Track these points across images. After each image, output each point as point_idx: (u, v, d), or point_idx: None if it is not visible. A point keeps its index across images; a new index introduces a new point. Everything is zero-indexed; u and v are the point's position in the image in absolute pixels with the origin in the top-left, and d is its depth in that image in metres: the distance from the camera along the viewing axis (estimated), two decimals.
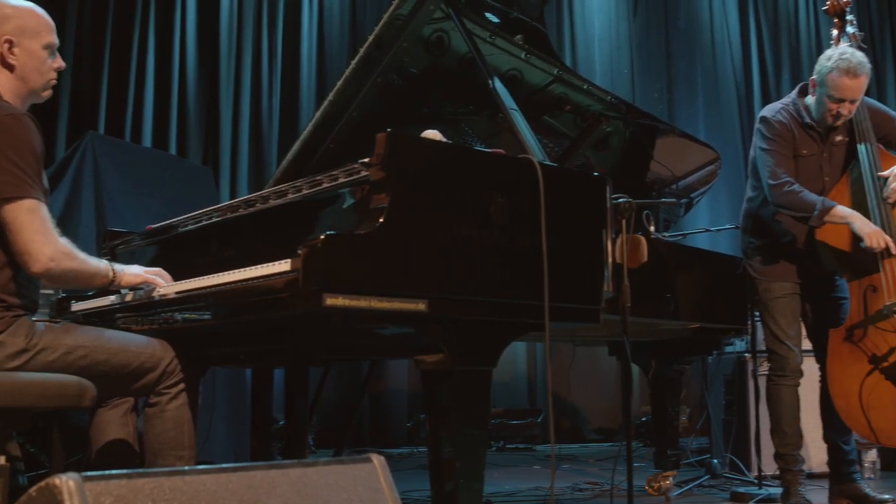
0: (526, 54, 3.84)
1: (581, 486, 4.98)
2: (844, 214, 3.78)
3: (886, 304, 3.72)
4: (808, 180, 3.94)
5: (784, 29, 8.91)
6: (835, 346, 3.87)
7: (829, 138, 4.02)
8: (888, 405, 3.72)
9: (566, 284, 2.82)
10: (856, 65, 3.78)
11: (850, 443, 4.18)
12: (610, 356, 5.11)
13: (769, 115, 4.07)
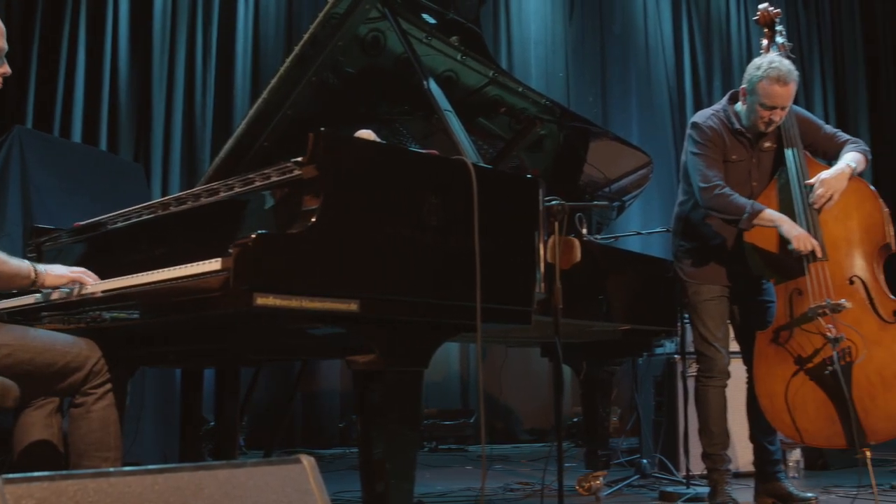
0: (462, 56, 3.85)
1: (512, 486, 5.00)
2: (773, 218, 3.86)
3: (811, 307, 3.79)
4: (737, 185, 4.01)
5: (716, 36, 9.07)
6: (761, 347, 3.95)
7: (758, 144, 4.09)
8: (811, 406, 3.80)
9: (498, 285, 2.83)
10: (785, 73, 3.87)
11: (776, 443, 4.26)
12: (542, 357, 5.15)
13: (700, 120, 4.14)
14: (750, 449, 4.34)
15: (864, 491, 3.95)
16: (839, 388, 3.65)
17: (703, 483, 4.43)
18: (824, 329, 3.72)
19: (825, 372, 3.72)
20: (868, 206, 3.92)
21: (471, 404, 7.96)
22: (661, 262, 4.71)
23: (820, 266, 3.82)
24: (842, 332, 3.71)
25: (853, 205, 3.93)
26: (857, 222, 3.91)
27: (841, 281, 3.83)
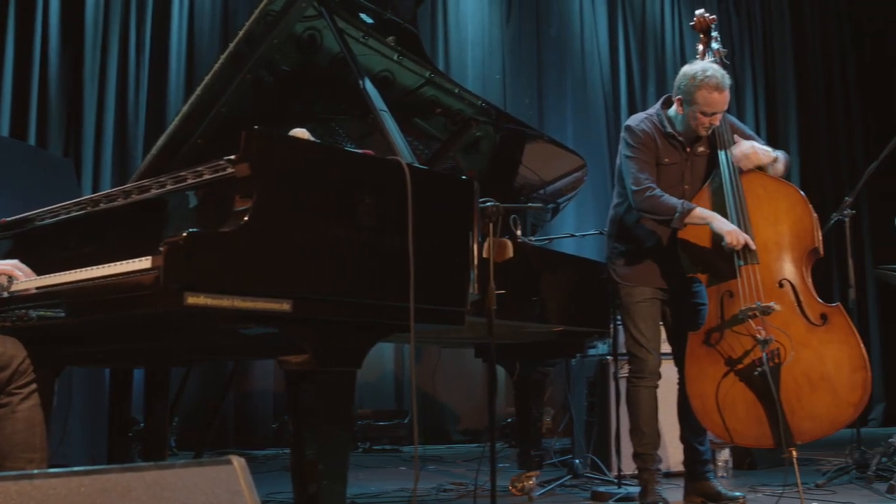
0: (398, 56, 3.84)
1: (446, 486, 5.01)
2: (704, 215, 3.92)
3: (742, 309, 3.86)
4: (670, 188, 4.07)
5: (650, 42, 9.19)
6: (693, 348, 4.01)
7: (691, 149, 4.16)
8: (741, 406, 3.86)
9: (432, 286, 2.83)
10: (720, 79, 3.97)
11: (705, 443, 4.33)
12: (476, 358, 5.17)
13: (633, 124, 4.19)
14: (680, 449, 4.40)
15: (789, 490, 4.02)
16: (768, 389, 3.72)
17: (634, 483, 4.47)
18: (754, 331, 3.80)
19: (754, 373, 3.79)
20: (798, 211, 4.00)
21: (405, 405, 7.95)
22: (594, 265, 4.76)
23: (751, 269, 3.89)
24: (771, 334, 3.78)
25: (784, 209, 4.01)
26: (788, 227, 3.98)
27: (771, 284, 3.91)
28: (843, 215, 5.17)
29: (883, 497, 4.33)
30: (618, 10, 9.09)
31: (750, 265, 3.89)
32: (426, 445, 7.30)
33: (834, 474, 4.97)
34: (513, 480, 4.71)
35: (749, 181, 4.06)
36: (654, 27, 9.27)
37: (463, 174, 4.11)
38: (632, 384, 4.20)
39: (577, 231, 6.88)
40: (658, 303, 4.21)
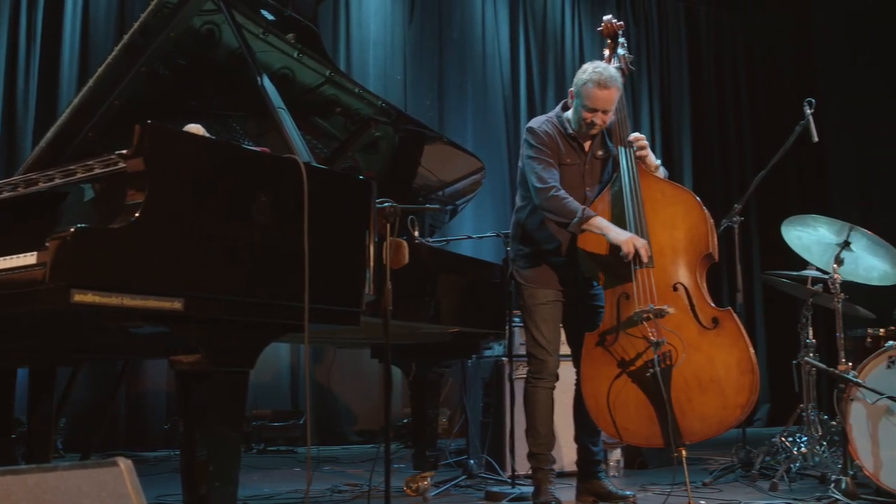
0: (298, 54, 3.81)
1: (340, 487, 4.98)
2: (601, 225, 3.99)
3: (636, 311, 3.93)
4: (571, 189, 4.13)
5: (551, 47, 9.29)
6: (589, 349, 4.07)
7: (590, 151, 4.24)
8: (633, 406, 3.93)
9: (327, 286, 2.82)
10: (607, 78, 4.05)
11: (598, 444, 4.40)
12: (372, 358, 5.15)
13: (536, 126, 4.25)
14: (574, 449, 4.45)
15: (678, 488, 4.11)
16: (659, 390, 3.80)
17: (528, 482, 4.51)
18: (647, 333, 3.87)
19: (647, 374, 3.86)
20: (694, 217, 4.09)
21: (300, 405, 7.87)
22: (490, 266, 4.79)
23: (646, 272, 3.97)
24: (664, 336, 3.86)
25: (680, 215, 4.10)
26: (684, 232, 4.07)
27: (665, 287, 3.99)
28: (732, 222, 5.32)
29: (766, 494, 4.47)
30: (519, 14, 9.17)
31: (645, 269, 3.97)
32: (321, 446, 7.24)
33: (720, 473, 5.10)
34: (408, 481, 4.71)
35: (648, 186, 4.14)
36: (555, 32, 9.38)
37: (361, 174, 4.10)
38: (530, 384, 4.24)
39: (475, 233, 6.90)
40: (559, 305, 4.26)
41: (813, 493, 4.37)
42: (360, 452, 7.12)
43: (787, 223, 4.83)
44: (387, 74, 8.36)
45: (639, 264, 3.95)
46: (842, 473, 4.25)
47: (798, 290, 5.31)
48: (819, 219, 4.65)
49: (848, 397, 4.27)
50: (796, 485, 4.70)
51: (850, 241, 4.61)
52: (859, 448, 4.20)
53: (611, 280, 4.07)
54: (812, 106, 5.20)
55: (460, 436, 6.30)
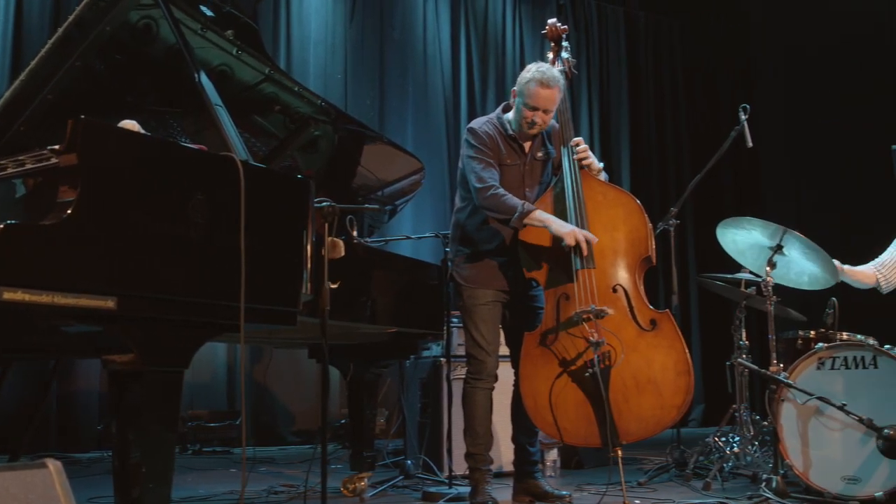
0: (237, 51, 3.78)
1: (277, 488, 4.94)
2: (542, 218, 4.02)
3: (577, 312, 3.96)
4: (511, 189, 4.15)
5: (492, 50, 9.32)
6: (528, 349, 4.09)
7: (530, 152, 4.26)
8: (572, 406, 3.96)
9: (263, 286, 2.80)
10: (550, 77, 4.10)
11: (535, 444, 4.43)
12: (310, 358, 5.12)
13: (476, 126, 4.27)
14: (511, 449, 4.48)
15: (613, 488, 4.16)
16: (597, 391, 3.84)
17: (465, 483, 4.52)
18: (587, 333, 3.90)
19: (586, 374, 3.90)
20: (634, 220, 4.14)
21: (237, 405, 7.78)
22: (429, 267, 4.79)
23: (588, 273, 4.00)
24: (603, 337, 3.90)
25: (621, 217, 4.15)
26: (624, 234, 4.12)
27: (605, 288, 4.03)
28: (668, 224, 5.39)
29: (699, 494, 4.53)
30: (461, 15, 9.17)
31: (586, 269, 4.00)
32: (258, 447, 7.18)
33: (655, 473, 5.17)
34: (345, 482, 4.70)
35: (590, 188, 4.18)
36: (496, 34, 9.41)
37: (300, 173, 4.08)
38: (469, 385, 4.24)
39: (414, 233, 6.90)
40: (499, 305, 4.27)
41: (745, 492, 4.45)
42: (298, 453, 7.08)
43: (721, 226, 4.90)
44: (327, 73, 8.30)
45: (580, 264, 3.99)
46: (773, 472, 4.33)
47: (732, 292, 5.40)
48: (753, 222, 4.72)
49: (779, 398, 4.35)
50: (729, 484, 4.78)
51: (783, 244, 4.69)
52: (789, 447, 4.28)
53: (551, 280, 4.09)
54: (747, 112, 5.29)
55: (398, 436, 6.30)
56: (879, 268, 5.27)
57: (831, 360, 4.30)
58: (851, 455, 4.13)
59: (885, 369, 4.17)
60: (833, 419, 4.19)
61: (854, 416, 4.06)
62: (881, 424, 4.00)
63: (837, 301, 4.82)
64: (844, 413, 4.08)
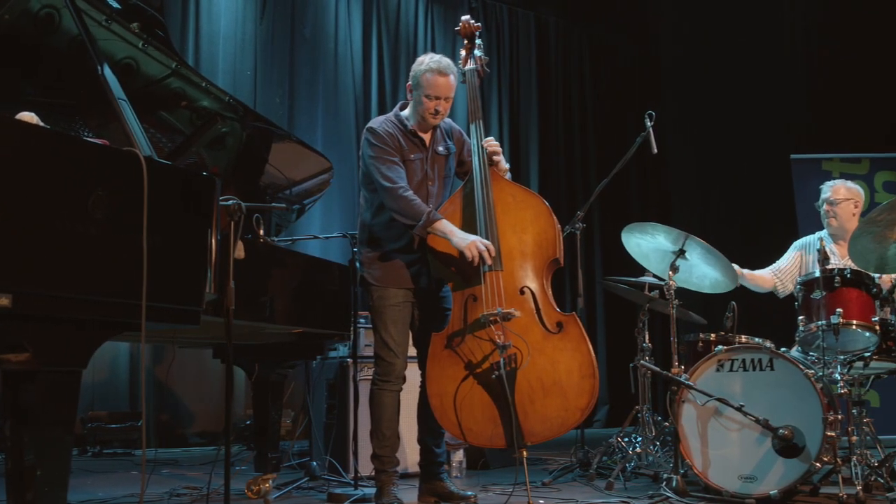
0: (143, 44, 3.71)
1: (179, 490, 4.85)
2: (445, 230, 4.02)
3: (484, 314, 3.98)
4: (415, 183, 4.16)
5: (403, 50, 9.31)
6: (435, 349, 4.09)
7: (431, 146, 4.28)
8: (478, 407, 3.98)
9: (166, 284, 2.75)
10: (445, 65, 4.16)
11: (442, 445, 4.43)
12: (215, 358, 5.04)
13: (376, 125, 4.27)
14: (417, 450, 4.47)
15: (518, 488, 4.18)
16: (503, 392, 3.86)
17: (371, 484, 4.51)
18: (494, 335, 3.93)
19: (492, 376, 3.92)
20: (543, 222, 4.17)
21: (139, 406, 7.62)
22: (337, 267, 4.76)
23: (495, 275, 4.02)
24: (510, 339, 3.93)
25: (530, 219, 4.18)
26: (533, 236, 4.15)
27: (513, 290, 4.05)
28: (574, 227, 5.45)
29: (602, 493, 4.60)
30: (372, 14, 9.13)
31: (494, 271, 4.02)
32: (160, 449, 7.06)
33: (559, 473, 5.23)
34: (249, 483, 4.63)
35: (500, 189, 4.21)
36: (408, 35, 9.40)
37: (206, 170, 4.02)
38: (377, 387, 4.22)
39: (322, 233, 6.86)
40: (409, 306, 4.26)
41: (646, 491, 4.52)
42: (201, 455, 6.97)
43: (626, 230, 4.98)
44: (236, 70, 8.18)
45: (488, 266, 4.01)
46: (673, 472, 4.41)
47: (636, 295, 5.50)
48: (657, 227, 4.81)
49: (680, 399, 4.44)
50: (631, 483, 4.85)
51: (686, 249, 4.79)
52: (690, 447, 4.37)
53: (459, 282, 4.11)
54: (652, 119, 5.38)
55: (303, 437, 6.25)
56: (777, 272, 5.45)
57: (730, 362, 4.40)
58: (748, 454, 4.24)
59: (780, 371, 4.29)
60: (731, 420, 4.29)
61: (751, 416, 4.16)
62: (777, 425, 4.12)
63: (737, 305, 4.94)
64: (742, 414, 4.19)
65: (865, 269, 4.60)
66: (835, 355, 4.51)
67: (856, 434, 4.41)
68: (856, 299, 4.50)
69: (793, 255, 5.50)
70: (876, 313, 4.51)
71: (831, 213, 5.30)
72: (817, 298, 4.52)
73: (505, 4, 10.15)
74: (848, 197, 5.29)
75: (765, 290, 5.47)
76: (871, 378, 4.99)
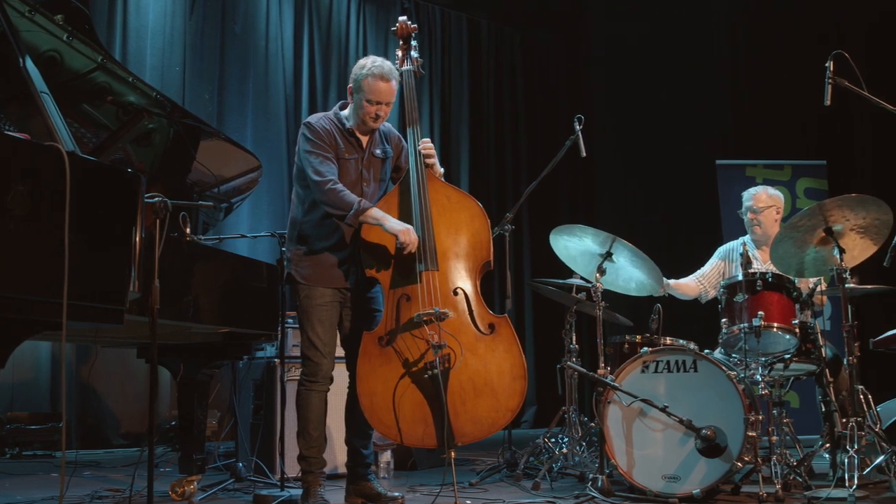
0: (68, 37, 3.63)
1: (101, 493, 4.77)
2: (377, 216, 4.03)
3: (418, 313, 3.99)
4: (349, 183, 4.16)
5: (335, 49, 9.26)
6: (367, 348, 4.08)
7: (368, 147, 4.27)
8: (409, 407, 3.98)
9: (88, 282, 2.69)
10: (388, 70, 4.17)
11: (369, 447, 4.42)
12: (139, 358, 4.97)
13: (314, 121, 4.26)
14: (344, 451, 4.45)
15: (446, 488, 4.19)
16: (436, 392, 3.88)
17: (297, 485, 4.48)
18: (428, 335, 3.94)
19: (425, 376, 3.93)
20: (477, 224, 4.20)
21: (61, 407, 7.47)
22: (264, 266, 4.72)
23: (431, 275, 4.03)
24: (443, 339, 3.93)
25: (464, 221, 4.20)
26: (467, 238, 4.17)
27: (447, 291, 4.07)
28: (504, 229, 5.48)
29: (528, 493, 4.63)
30: (304, 13, 9.06)
31: (430, 271, 4.03)
32: (82, 450, 6.92)
33: (487, 473, 5.25)
34: (173, 485, 4.57)
35: (435, 191, 4.21)
36: (340, 35, 9.35)
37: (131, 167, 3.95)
38: (304, 387, 4.19)
39: (251, 232, 6.80)
40: (338, 306, 4.24)
41: (572, 491, 4.56)
42: (125, 456, 6.85)
43: (555, 233, 5.02)
44: (165, 65, 8.05)
45: (423, 266, 4.01)
46: (598, 472, 4.46)
47: (563, 297, 5.55)
48: (585, 229, 4.86)
49: (606, 400, 4.49)
50: (557, 483, 4.90)
51: (613, 252, 4.85)
52: (615, 448, 4.42)
53: (393, 280, 4.11)
54: (581, 122, 5.45)
55: (229, 438, 6.19)
56: (701, 279, 5.55)
57: (655, 363, 4.46)
58: (672, 455, 4.30)
59: (704, 373, 4.36)
60: (656, 420, 4.35)
61: (675, 417, 4.23)
62: (700, 425, 4.18)
63: (662, 307, 5.02)
64: (666, 415, 4.25)
65: (786, 274, 4.71)
66: (756, 357, 4.61)
67: (776, 434, 4.51)
68: (777, 302, 4.60)
69: (716, 262, 5.61)
70: (796, 316, 4.61)
71: (755, 221, 5.42)
72: (740, 301, 4.61)
73: (438, 6, 10.17)
74: (770, 204, 5.41)
75: (690, 297, 5.57)
76: (790, 379, 5.12)
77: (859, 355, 4.46)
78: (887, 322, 5.40)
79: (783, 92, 9.14)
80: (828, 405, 4.85)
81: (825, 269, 4.67)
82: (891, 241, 4.55)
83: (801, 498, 4.13)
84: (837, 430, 4.59)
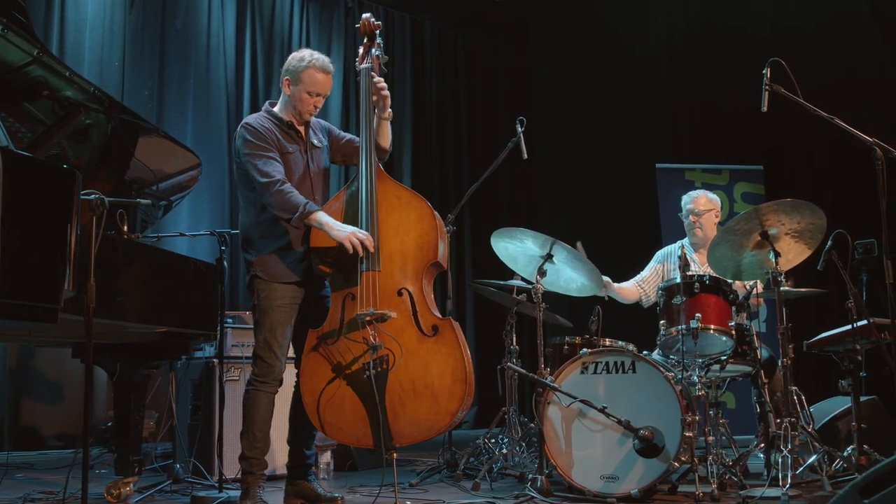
0: (3, 29, 3.55)
1: (34, 495, 4.68)
2: (322, 221, 4.01)
3: (358, 314, 3.97)
4: (296, 175, 4.16)
5: (278, 47, 9.19)
6: (311, 346, 4.07)
7: (307, 138, 4.26)
8: (348, 406, 3.97)
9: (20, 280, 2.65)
10: (327, 63, 4.23)
11: (311, 447, 4.40)
12: (74, 358, 4.88)
13: (251, 121, 4.22)
14: (285, 451, 4.42)
15: (386, 489, 4.19)
16: (373, 393, 3.86)
17: (236, 486, 4.44)
18: (368, 336, 3.92)
19: (363, 376, 3.92)
20: (425, 225, 4.17)
21: None
22: (204, 265, 4.67)
23: (373, 275, 4.02)
24: (382, 340, 3.93)
25: (412, 221, 4.17)
26: (414, 238, 4.15)
27: (390, 292, 4.05)
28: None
29: (468, 493, 4.65)
30: (247, 10, 8.98)
31: (372, 272, 4.02)
32: (14, 451, 6.78)
33: (427, 474, 5.26)
34: (109, 487, 4.51)
35: (385, 190, 4.19)
36: (282, 32, 9.29)
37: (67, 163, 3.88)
38: (253, 387, 4.14)
39: (190, 230, 6.73)
40: (295, 307, 4.21)
41: (512, 492, 4.59)
42: (59, 458, 6.74)
43: (496, 235, 5.04)
44: (103, 60, 7.91)
45: (366, 266, 4.00)
46: (538, 472, 4.49)
47: (504, 298, 5.57)
48: (526, 232, 4.89)
49: (545, 401, 4.52)
50: (497, 484, 4.92)
51: (553, 253, 4.88)
52: (554, 448, 4.46)
53: (339, 281, 4.11)
54: (523, 125, 5.48)
55: (167, 439, 6.11)
56: (641, 283, 5.62)
57: (594, 364, 4.50)
58: (610, 455, 4.35)
59: (642, 374, 4.41)
60: (595, 421, 4.39)
61: (613, 417, 4.27)
62: (638, 426, 4.23)
63: (601, 309, 5.07)
64: (605, 415, 4.29)
65: (723, 276, 4.79)
66: (693, 358, 4.68)
67: (712, 434, 4.58)
68: (714, 305, 4.68)
69: (655, 265, 5.69)
70: (732, 318, 4.69)
71: (697, 223, 5.50)
72: (678, 304, 4.68)
73: (381, 6, 10.14)
74: (710, 207, 5.50)
75: (630, 301, 5.63)
76: (726, 380, 5.20)
77: (794, 357, 4.56)
78: (821, 324, 5.51)
79: (722, 97, 9.27)
80: (763, 406, 4.93)
81: (761, 273, 4.77)
82: (824, 245, 4.65)
83: (737, 497, 4.19)
84: (772, 430, 4.68)
